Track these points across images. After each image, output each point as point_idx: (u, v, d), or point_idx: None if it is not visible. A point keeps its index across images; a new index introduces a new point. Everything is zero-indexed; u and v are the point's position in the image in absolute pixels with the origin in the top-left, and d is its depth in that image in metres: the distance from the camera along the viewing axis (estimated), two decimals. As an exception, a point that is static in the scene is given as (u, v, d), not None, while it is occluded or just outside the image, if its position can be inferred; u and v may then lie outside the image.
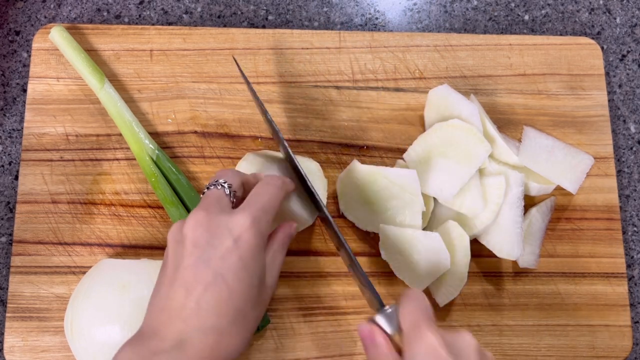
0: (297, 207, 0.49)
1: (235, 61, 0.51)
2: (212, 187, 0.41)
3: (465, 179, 0.50)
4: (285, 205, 0.49)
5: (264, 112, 0.49)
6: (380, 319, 0.39)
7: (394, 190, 0.50)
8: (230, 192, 0.41)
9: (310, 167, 0.52)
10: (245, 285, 0.37)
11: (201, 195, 0.42)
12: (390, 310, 0.39)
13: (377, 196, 0.51)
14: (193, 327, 0.36)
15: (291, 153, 0.47)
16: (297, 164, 0.46)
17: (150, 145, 0.52)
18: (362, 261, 0.53)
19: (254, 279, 0.38)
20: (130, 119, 0.52)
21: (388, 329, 0.39)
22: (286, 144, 0.47)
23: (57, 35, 0.53)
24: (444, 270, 0.49)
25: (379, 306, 0.41)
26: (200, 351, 0.36)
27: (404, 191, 0.50)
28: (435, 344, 0.34)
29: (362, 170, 0.51)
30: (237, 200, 0.42)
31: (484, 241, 0.52)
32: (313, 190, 0.46)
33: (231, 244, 0.37)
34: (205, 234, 0.38)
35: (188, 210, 0.51)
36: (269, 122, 0.48)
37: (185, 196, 0.51)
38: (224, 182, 0.41)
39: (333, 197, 0.54)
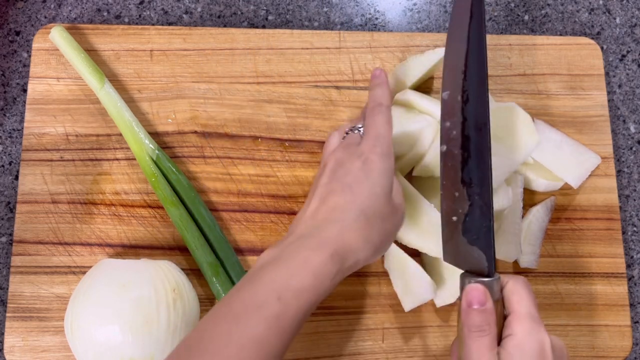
0: None
1: None
2: (350, 132, 0.48)
3: (512, 167, 0.49)
4: None
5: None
6: (489, 285, 0.39)
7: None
8: (362, 133, 0.47)
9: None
10: (368, 192, 0.42)
11: (347, 132, 0.48)
12: (494, 279, 0.39)
13: (410, 212, 0.50)
14: (320, 221, 0.41)
15: None
16: None
17: (150, 145, 0.52)
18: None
19: (377, 188, 0.42)
20: (130, 119, 0.52)
21: (492, 297, 0.38)
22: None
23: (57, 36, 0.53)
24: (429, 298, 0.50)
25: (489, 272, 0.40)
26: (324, 239, 0.40)
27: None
28: (547, 345, 0.37)
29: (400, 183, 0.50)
30: None
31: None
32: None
33: (360, 164, 0.43)
34: (340, 160, 0.44)
35: (188, 210, 0.51)
36: None
37: (185, 196, 0.51)
38: (360, 127, 0.47)
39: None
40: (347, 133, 0.48)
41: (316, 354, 0.51)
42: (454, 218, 0.42)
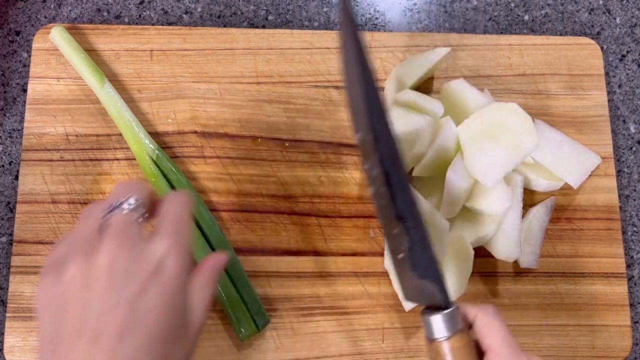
0: None
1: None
2: (119, 210, 0.35)
3: (509, 167, 0.49)
4: None
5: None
6: (449, 316, 0.38)
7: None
8: (140, 212, 0.35)
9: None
10: (169, 324, 0.32)
11: (105, 215, 0.35)
12: (453, 309, 0.38)
13: None
14: None
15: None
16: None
17: (150, 145, 0.52)
18: (363, 261, 0.53)
19: (178, 316, 0.33)
20: (130, 119, 0.52)
21: (445, 332, 0.37)
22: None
23: (57, 36, 0.53)
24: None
25: (446, 303, 0.38)
26: None
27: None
28: None
29: None
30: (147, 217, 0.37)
31: (482, 242, 0.52)
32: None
33: (151, 275, 0.32)
34: (120, 270, 0.32)
35: None
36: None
37: None
38: (132, 202, 0.35)
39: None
40: (111, 210, 0.35)
41: (316, 354, 0.51)
42: (400, 256, 0.41)
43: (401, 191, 0.39)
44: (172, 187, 0.52)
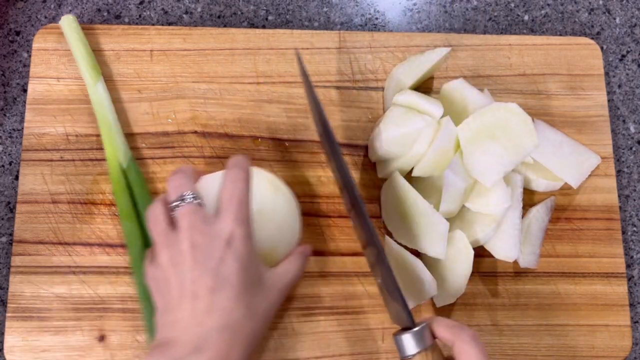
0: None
1: (298, 58, 0.50)
2: (181, 204, 0.42)
3: (509, 167, 0.49)
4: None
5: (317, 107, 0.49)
6: (408, 337, 0.42)
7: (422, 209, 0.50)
8: (200, 201, 0.42)
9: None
10: (246, 280, 0.41)
11: (173, 214, 0.42)
12: (419, 328, 0.42)
13: (409, 212, 0.50)
14: (209, 328, 0.39)
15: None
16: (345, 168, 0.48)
17: (125, 152, 0.51)
18: (363, 261, 0.53)
19: (252, 273, 0.41)
20: (112, 122, 0.52)
21: (414, 349, 0.41)
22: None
23: (66, 25, 0.53)
24: (430, 296, 0.50)
25: (410, 323, 0.43)
26: (219, 350, 0.38)
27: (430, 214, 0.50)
28: None
29: (399, 183, 0.51)
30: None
31: (482, 242, 0.52)
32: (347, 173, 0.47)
33: (224, 248, 0.40)
34: (199, 249, 0.40)
35: (142, 227, 0.50)
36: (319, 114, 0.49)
37: (143, 212, 0.50)
38: (189, 195, 0.42)
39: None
40: (176, 204, 0.42)
41: (316, 354, 0.51)
42: (379, 280, 0.48)
43: (363, 220, 0.46)
44: (134, 200, 0.51)
